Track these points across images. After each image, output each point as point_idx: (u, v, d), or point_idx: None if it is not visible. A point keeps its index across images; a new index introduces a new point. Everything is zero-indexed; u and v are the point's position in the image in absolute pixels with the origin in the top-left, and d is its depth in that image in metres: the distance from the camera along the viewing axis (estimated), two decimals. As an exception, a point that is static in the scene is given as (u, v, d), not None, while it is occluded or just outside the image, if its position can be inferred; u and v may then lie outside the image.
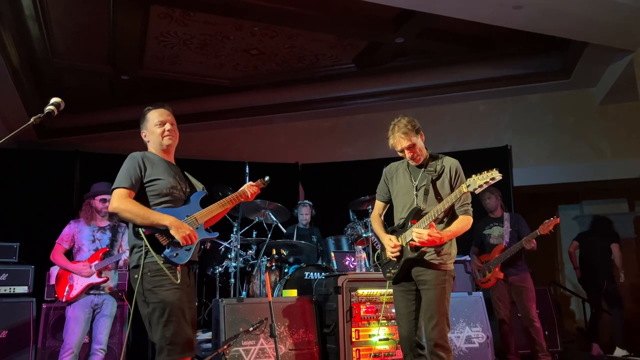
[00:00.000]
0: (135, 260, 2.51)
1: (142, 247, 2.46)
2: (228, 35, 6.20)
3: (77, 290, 3.80)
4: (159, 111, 2.77)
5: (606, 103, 7.34)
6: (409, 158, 3.08)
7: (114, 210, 2.52)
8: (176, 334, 2.38)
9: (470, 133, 7.71)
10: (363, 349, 3.86)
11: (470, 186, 2.72)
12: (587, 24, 5.43)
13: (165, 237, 2.50)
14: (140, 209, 2.49)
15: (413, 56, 6.94)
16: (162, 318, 2.38)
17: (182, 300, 2.46)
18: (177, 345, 2.37)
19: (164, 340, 2.37)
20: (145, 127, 2.77)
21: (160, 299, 2.41)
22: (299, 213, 5.78)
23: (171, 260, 2.47)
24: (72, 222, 4.07)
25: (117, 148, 6.95)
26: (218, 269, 5.00)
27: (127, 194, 2.53)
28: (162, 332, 2.38)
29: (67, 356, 3.68)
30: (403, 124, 3.01)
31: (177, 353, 2.38)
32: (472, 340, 4.33)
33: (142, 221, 2.47)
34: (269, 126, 8.17)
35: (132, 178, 2.55)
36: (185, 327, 2.42)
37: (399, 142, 3.01)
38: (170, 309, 2.40)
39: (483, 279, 4.93)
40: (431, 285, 2.93)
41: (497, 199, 5.05)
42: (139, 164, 2.61)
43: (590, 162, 7.39)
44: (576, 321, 8.11)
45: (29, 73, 6.36)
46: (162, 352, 2.38)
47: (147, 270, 2.44)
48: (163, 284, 2.44)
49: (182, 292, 2.48)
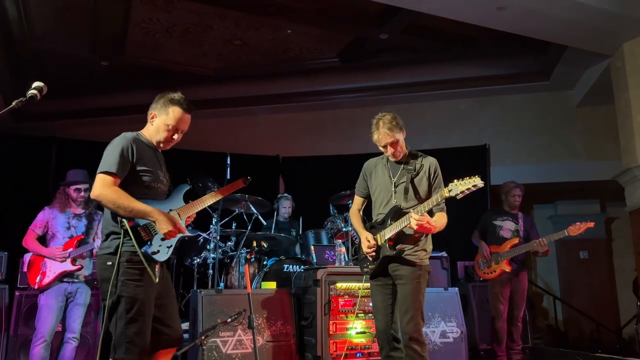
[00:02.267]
0: (112, 247, 2.37)
1: (121, 235, 2.34)
2: (212, 24, 6.13)
3: (50, 277, 3.74)
4: (185, 117, 2.56)
5: (583, 105, 7.52)
6: (390, 154, 3.10)
7: (96, 198, 2.35)
8: (138, 334, 2.30)
9: (451, 131, 7.80)
10: (340, 342, 3.88)
11: (452, 191, 2.74)
12: (567, 28, 5.53)
13: (147, 232, 2.40)
14: (125, 200, 2.33)
15: (397, 52, 6.97)
16: (128, 314, 2.29)
17: (151, 299, 2.39)
18: (136, 346, 2.29)
19: (124, 338, 2.28)
20: (160, 112, 2.56)
21: (131, 294, 2.31)
22: (280, 206, 5.77)
23: (152, 257, 2.38)
24: (46, 208, 4.01)
25: (96, 135, 6.81)
26: (196, 259, 4.97)
27: (112, 182, 2.36)
28: (123, 328, 2.29)
29: (40, 344, 3.64)
30: (388, 119, 3.03)
31: (135, 354, 2.30)
32: (447, 335, 4.40)
33: (126, 213, 2.34)
34: (250, 118, 8.13)
35: (121, 164, 2.38)
36: (147, 330, 2.34)
37: (384, 137, 3.03)
38: (139, 307, 2.32)
39: (487, 269, 4.84)
40: (407, 280, 2.97)
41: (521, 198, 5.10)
42: (130, 149, 2.44)
43: (566, 162, 7.57)
44: (548, 318, 8.30)
45: (5, 55, 6.20)
46: (119, 348, 2.28)
47: (124, 260, 2.33)
48: (137, 279, 2.34)
49: (153, 289, 2.41)
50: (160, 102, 2.56)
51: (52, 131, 7.05)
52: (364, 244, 3.09)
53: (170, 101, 2.54)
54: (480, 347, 5.33)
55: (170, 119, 2.54)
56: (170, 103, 2.53)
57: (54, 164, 6.63)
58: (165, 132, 2.56)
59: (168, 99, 2.54)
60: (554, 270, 8.59)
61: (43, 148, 6.71)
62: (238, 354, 3.76)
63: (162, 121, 2.54)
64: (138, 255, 2.35)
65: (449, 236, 5.11)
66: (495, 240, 4.91)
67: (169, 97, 2.55)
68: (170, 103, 2.53)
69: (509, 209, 5.04)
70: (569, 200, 8.55)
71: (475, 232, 5.10)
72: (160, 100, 2.57)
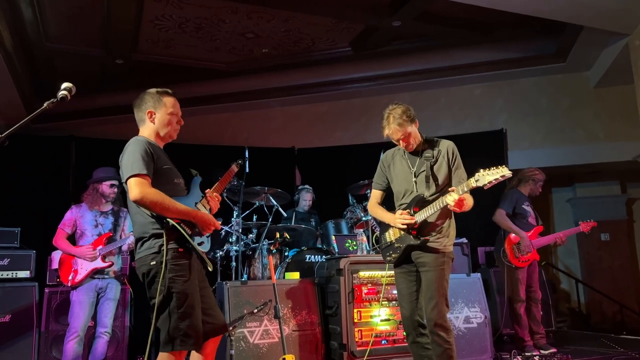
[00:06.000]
0: (155, 246, 2.42)
1: (163, 234, 2.39)
2: (223, 18, 6.14)
3: (82, 275, 3.82)
4: (175, 101, 2.67)
5: (601, 86, 7.41)
6: (403, 147, 3.11)
7: (139, 200, 2.36)
8: (191, 327, 2.37)
9: (465, 116, 7.75)
10: (365, 330, 3.92)
11: (480, 181, 2.73)
12: (583, 7, 5.43)
13: (189, 227, 2.46)
14: (169, 201, 2.39)
15: (410, 40, 6.92)
16: (180, 309, 2.35)
17: (198, 292, 2.46)
18: (190, 338, 2.36)
19: (177, 332, 2.34)
20: (157, 108, 2.62)
21: (180, 289, 2.38)
22: (301, 199, 5.80)
23: (198, 250, 2.47)
24: (73, 206, 4.07)
25: (111, 133, 6.92)
26: (219, 252, 5.02)
27: (148, 183, 2.40)
28: (176, 322, 2.34)
29: (73, 339, 3.72)
30: (398, 114, 3.01)
31: (190, 345, 2.38)
32: (471, 320, 4.42)
33: (173, 214, 2.40)
34: (264, 110, 8.13)
35: (146, 165, 2.43)
36: (199, 322, 2.42)
37: (395, 133, 3.03)
38: (190, 301, 2.38)
39: (523, 257, 4.76)
40: (430, 267, 2.99)
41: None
42: (148, 149, 2.49)
43: (584, 145, 7.48)
44: (570, 301, 8.27)
45: (22, 57, 6.27)
46: (173, 341, 2.34)
47: (169, 258, 2.38)
48: (183, 274, 2.41)
49: (197, 282, 2.48)
50: (149, 99, 2.64)
51: (68, 130, 7.14)
52: (399, 219, 3.00)
53: (159, 93, 2.65)
54: (503, 332, 5.33)
55: (170, 107, 2.64)
56: (159, 95, 2.64)
57: (74, 163, 6.74)
58: (173, 122, 2.66)
59: (155, 93, 2.65)
60: (574, 253, 8.53)
61: (62, 147, 6.81)
62: (265, 343, 3.82)
63: (164, 113, 2.63)
64: (181, 252, 2.42)
65: (469, 222, 5.13)
66: (525, 227, 4.83)
67: (154, 91, 2.65)
68: (159, 95, 2.64)
69: (529, 195, 5.00)
70: (588, 182, 8.47)
71: (502, 211, 4.85)
72: (146, 97, 2.65)
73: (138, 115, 2.67)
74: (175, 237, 2.42)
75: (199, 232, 2.51)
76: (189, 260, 2.46)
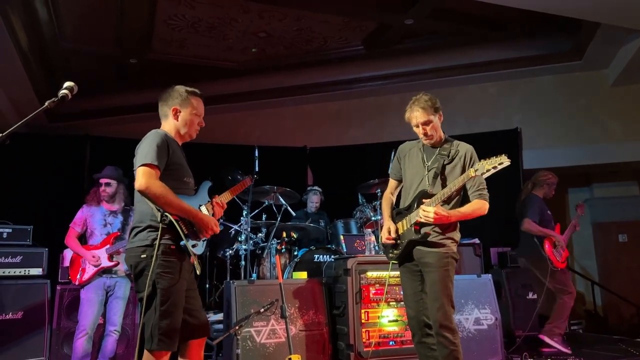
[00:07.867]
0: (148, 239, 2.41)
1: (159, 227, 2.38)
2: (236, 18, 6.15)
3: (89, 273, 3.87)
4: (201, 102, 2.71)
5: (619, 84, 7.25)
6: (422, 134, 3.05)
7: (143, 190, 2.34)
8: (170, 327, 2.35)
9: (480, 115, 7.66)
10: (372, 330, 3.90)
11: (479, 170, 2.71)
12: (600, 4, 5.32)
13: (186, 227, 2.45)
14: (173, 197, 2.38)
15: (422, 38, 6.85)
16: (162, 306, 2.34)
17: (184, 291, 2.45)
18: (168, 338, 2.35)
19: (157, 329, 2.33)
20: (183, 107, 2.64)
21: (166, 286, 2.36)
22: (309, 200, 5.79)
23: (191, 251, 2.44)
24: (84, 205, 4.13)
25: (126, 132, 6.98)
26: (228, 251, 5.05)
27: (155, 174, 2.38)
28: (158, 320, 2.33)
29: (82, 337, 3.77)
30: (424, 99, 3.03)
31: (167, 345, 2.36)
32: (481, 322, 4.35)
33: (174, 210, 2.39)
34: (277, 109, 8.14)
35: (160, 157, 2.42)
36: (179, 323, 2.40)
37: (415, 116, 3.01)
38: (174, 300, 2.37)
39: (563, 257, 4.87)
40: (434, 268, 2.94)
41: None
42: (165, 143, 2.48)
43: (601, 144, 7.33)
44: (586, 304, 8.12)
45: (38, 57, 6.37)
46: (152, 340, 2.34)
47: (160, 253, 2.36)
48: (172, 272, 2.39)
49: (185, 282, 2.47)
50: (177, 96, 2.66)
51: (84, 129, 7.23)
52: (384, 234, 3.11)
53: (187, 93, 2.67)
54: (516, 334, 5.25)
55: (194, 107, 2.68)
56: (188, 94, 2.67)
57: (88, 162, 6.82)
58: (195, 122, 2.69)
59: (184, 91, 2.68)
60: (591, 255, 8.36)
61: (77, 146, 6.90)
62: (272, 343, 3.81)
63: (188, 113, 2.66)
64: (173, 249, 2.41)
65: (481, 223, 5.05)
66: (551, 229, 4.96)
67: (184, 90, 2.68)
68: (188, 94, 2.67)
69: (544, 198, 5.09)
70: (605, 182, 8.30)
71: (530, 221, 4.89)
72: (174, 94, 2.67)
73: (162, 110, 2.69)
74: (170, 233, 2.41)
75: (196, 234, 2.49)
76: (179, 259, 2.44)
